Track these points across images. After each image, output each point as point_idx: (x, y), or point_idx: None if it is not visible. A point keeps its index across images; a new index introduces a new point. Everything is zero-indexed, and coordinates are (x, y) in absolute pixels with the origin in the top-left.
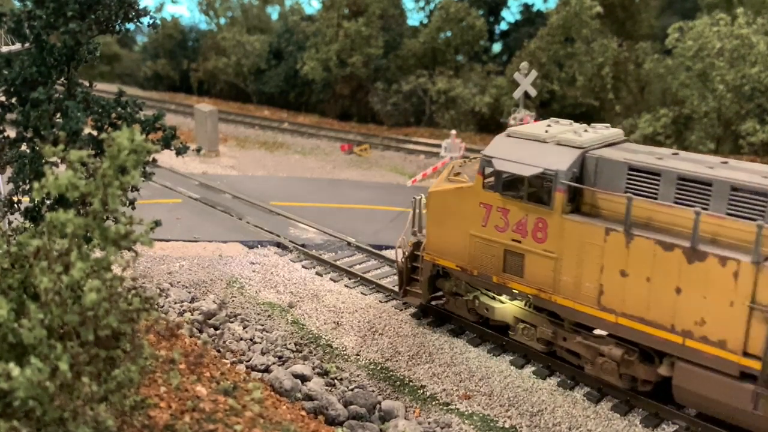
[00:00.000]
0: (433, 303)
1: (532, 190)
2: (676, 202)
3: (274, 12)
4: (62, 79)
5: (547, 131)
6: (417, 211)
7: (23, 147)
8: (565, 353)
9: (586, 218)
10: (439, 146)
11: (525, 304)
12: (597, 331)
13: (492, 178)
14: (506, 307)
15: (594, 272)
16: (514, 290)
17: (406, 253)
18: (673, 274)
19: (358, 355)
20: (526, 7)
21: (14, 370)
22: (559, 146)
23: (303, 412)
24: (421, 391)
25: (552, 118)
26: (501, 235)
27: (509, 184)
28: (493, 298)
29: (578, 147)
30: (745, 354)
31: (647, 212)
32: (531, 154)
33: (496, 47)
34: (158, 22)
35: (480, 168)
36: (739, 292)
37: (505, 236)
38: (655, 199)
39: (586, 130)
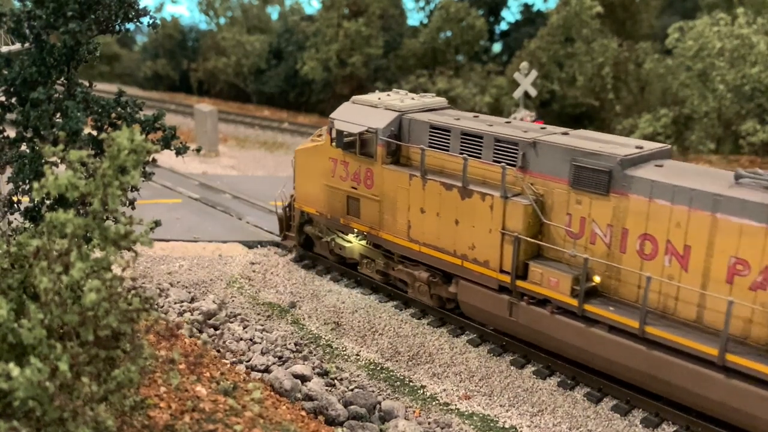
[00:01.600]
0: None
1: (363, 145)
2: (461, 153)
3: (274, 12)
4: (62, 79)
5: (379, 99)
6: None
7: (23, 147)
8: (396, 281)
9: (399, 167)
10: None
11: (366, 242)
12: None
13: (335, 137)
14: (354, 246)
15: (404, 211)
16: (355, 229)
17: (285, 204)
18: (452, 209)
19: (358, 355)
20: (526, 7)
21: (14, 370)
22: (384, 110)
23: (303, 412)
24: (421, 391)
25: (394, 89)
26: (344, 184)
27: (349, 142)
28: (344, 238)
29: (397, 110)
30: (502, 271)
31: (441, 161)
32: (361, 116)
33: (496, 47)
34: (158, 22)
35: (328, 129)
36: (494, 221)
37: (347, 184)
38: (447, 150)
39: (412, 98)
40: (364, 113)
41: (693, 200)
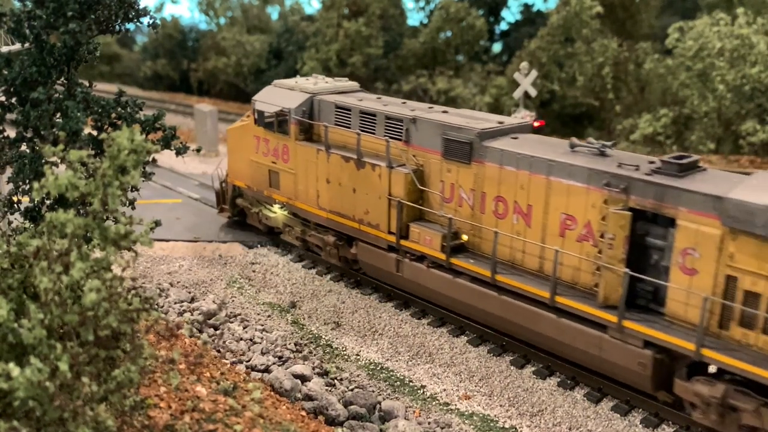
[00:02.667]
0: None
1: (280, 124)
2: (360, 129)
3: (274, 12)
4: (62, 79)
5: (296, 82)
6: None
7: (23, 147)
8: (313, 246)
9: (310, 143)
10: None
11: (287, 212)
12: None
13: (257, 117)
14: (277, 216)
15: (314, 182)
16: (276, 200)
17: (222, 179)
18: (351, 179)
19: (358, 355)
20: (526, 7)
21: (14, 370)
22: (298, 92)
23: (303, 412)
24: (421, 391)
25: (314, 75)
26: (266, 159)
27: (269, 121)
28: (269, 209)
29: (309, 92)
30: (389, 232)
31: (344, 137)
32: (279, 98)
33: (496, 47)
34: (158, 22)
35: (252, 110)
36: (382, 188)
37: (268, 159)
38: (349, 127)
39: (326, 82)
40: (282, 95)
41: (532, 166)
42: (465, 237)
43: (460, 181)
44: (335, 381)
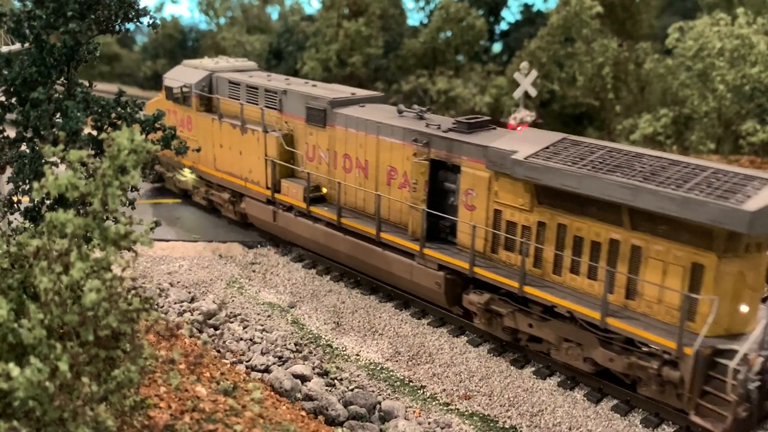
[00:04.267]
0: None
1: (184, 98)
2: (247, 101)
3: (274, 12)
4: (62, 79)
5: (201, 62)
6: None
7: (23, 147)
8: (216, 205)
9: (208, 113)
10: None
11: (195, 175)
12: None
13: (167, 92)
14: (188, 179)
15: (211, 147)
16: (184, 165)
17: None
18: (238, 143)
19: (358, 355)
20: (526, 7)
21: (14, 370)
22: (199, 70)
23: (303, 412)
24: (421, 391)
25: (220, 56)
26: (177, 129)
27: (176, 96)
28: (181, 173)
29: (209, 70)
30: (267, 188)
31: (234, 108)
32: (184, 75)
33: (496, 47)
34: (158, 22)
35: (163, 86)
36: (260, 150)
37: (177, 129)
38: (238, 99)
39: (227, 62)
40: (186, 73)
41: (367, 127)
42: (324, 190)
43: (318, 142)
44: (335, 381)
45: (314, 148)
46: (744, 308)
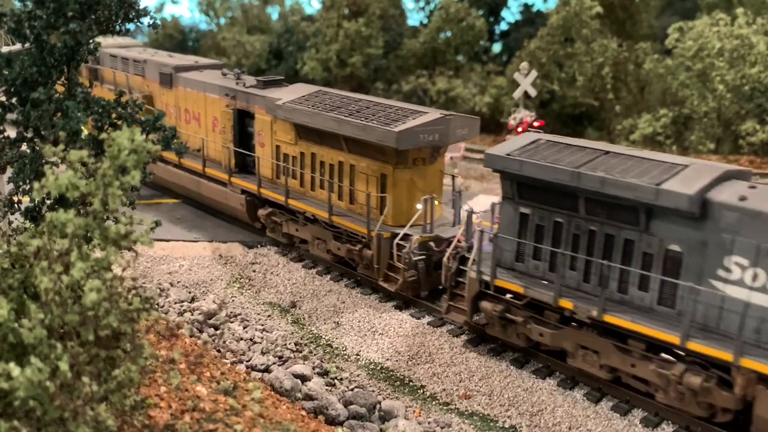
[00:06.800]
0: None
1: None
2: (122, 71)
3: (274, 12)
4: (62, 79)
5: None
6: None
7: (23, 147)
8: None
9: (96, 82)
10: None
11: None
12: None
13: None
14: None
15: None
16: None
17: None
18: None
19: (358, 355)
20: (526, 7)
21: (14, 370)
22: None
23: (303, 412)
24: (421, 391)
25: (114, 37)
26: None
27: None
28: None
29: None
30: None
31: (110, 75)
32: None
33: (496, 47)
34: (158, 22)
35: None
36: None
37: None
38: (116, 69)
39: (114, 40)
40: None
41: (198, 87)
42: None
43: (168, 100)
44: (335, 381)
45: (166, 106)
46: (419, 206)
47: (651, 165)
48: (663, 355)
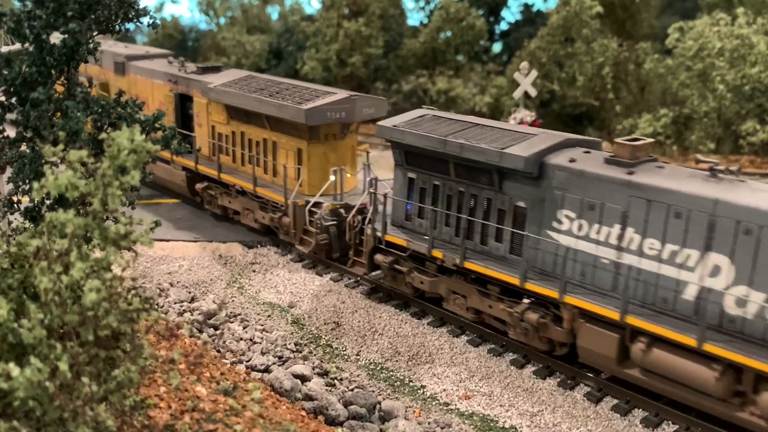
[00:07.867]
0: None
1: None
2: (92, 64)
3: (274, 12)
4: (62, 79)
5: None
6: None
7: (23, 147)
8: None
9: None
10: None
11: None
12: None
13: None
14: None
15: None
16: None
17: None
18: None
19: (358, 355)
20: (526, 7)
21: (14, 370)
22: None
23: (303, 412)
24: (421, 391)
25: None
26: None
27: None
28: None
29: None
30: None
31: (81, 67)
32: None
33: (496, 47)
34: (158, 22)
35: None
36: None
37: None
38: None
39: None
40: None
41: (144, 73)
42: None
43: (122, 86)
44: (335, 381)
45: (121, 91)
46: (332, 177)
47: (505, 134)
48: (525, 300)
